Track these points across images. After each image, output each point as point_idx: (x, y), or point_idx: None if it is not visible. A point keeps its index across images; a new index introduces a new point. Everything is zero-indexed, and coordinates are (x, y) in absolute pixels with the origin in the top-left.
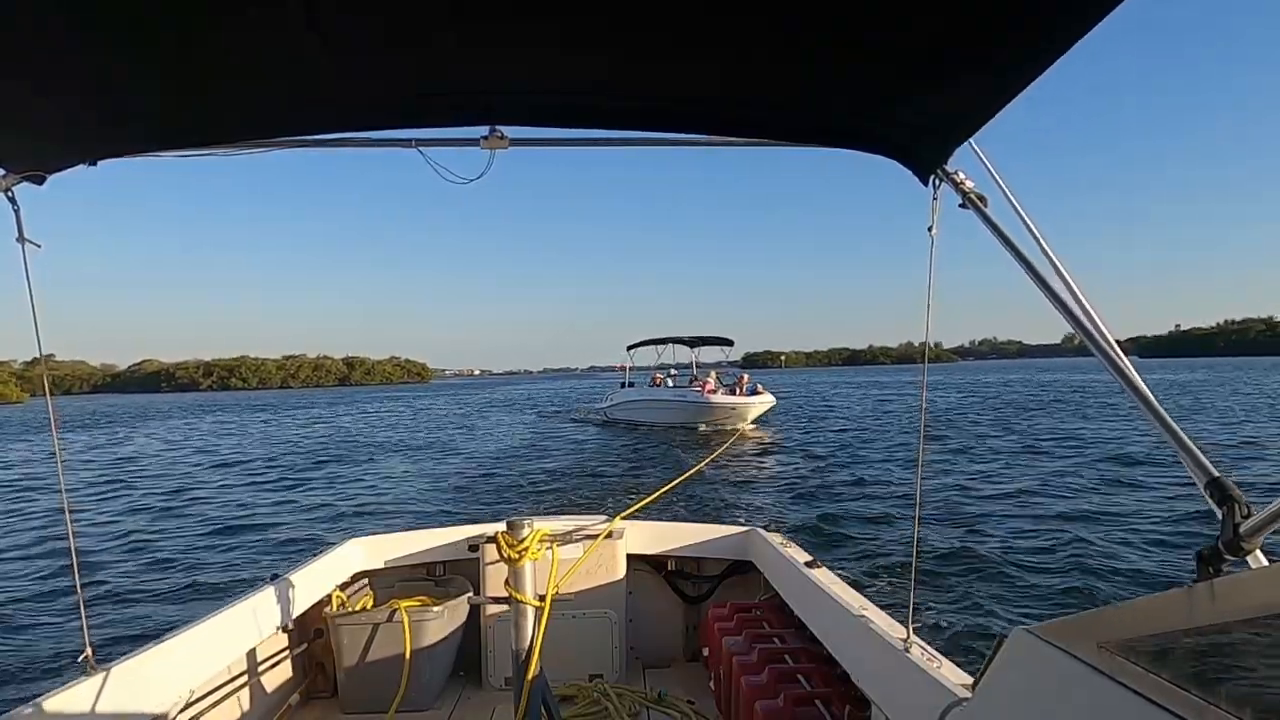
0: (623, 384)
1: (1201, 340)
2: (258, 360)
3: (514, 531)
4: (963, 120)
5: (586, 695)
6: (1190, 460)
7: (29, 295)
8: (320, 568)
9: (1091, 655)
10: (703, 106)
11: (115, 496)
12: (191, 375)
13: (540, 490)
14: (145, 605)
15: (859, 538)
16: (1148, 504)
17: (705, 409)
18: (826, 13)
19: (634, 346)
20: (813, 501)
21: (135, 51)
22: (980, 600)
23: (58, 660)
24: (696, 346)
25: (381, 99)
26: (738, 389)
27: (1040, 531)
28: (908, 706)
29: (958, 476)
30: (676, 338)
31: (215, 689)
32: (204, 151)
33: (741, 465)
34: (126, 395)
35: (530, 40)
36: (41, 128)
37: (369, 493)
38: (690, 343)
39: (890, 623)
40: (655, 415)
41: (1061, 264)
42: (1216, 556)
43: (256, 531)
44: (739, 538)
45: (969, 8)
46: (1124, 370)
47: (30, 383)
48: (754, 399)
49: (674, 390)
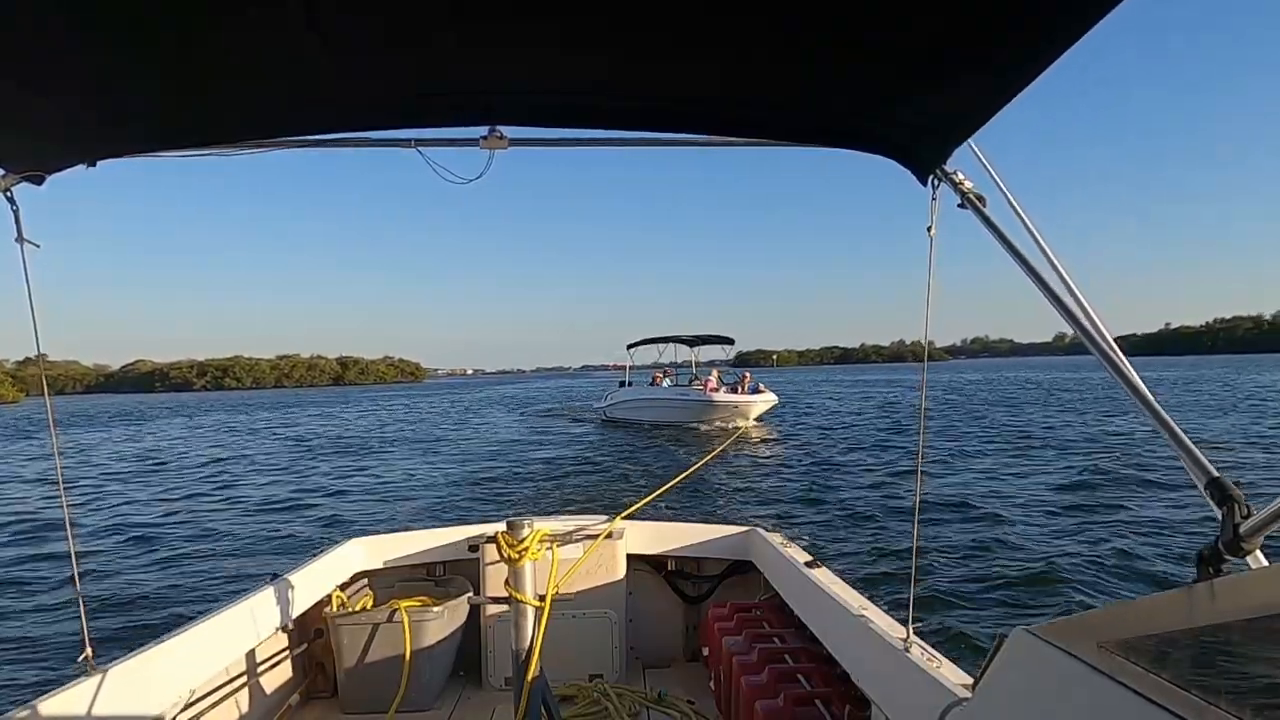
0: (622, 383)
1: (1190, 338)
2: (251, 360)
3: (514, 531)
4: (962, 120)
5: (586, 695)
6: (1190, 460)
7: (28, 295)
8: (320, 568)
9: (1091, 655)
10: (703, 106)
11: (115, 496)
12: (185, 375)
13: (541, 489)
14: (145, 605)
15: (859, 537)
16: (1148, 503)
17: (708, 407)
18: (826, 13)
19: (634, 345)
20: (812, 500)
21: (135, 51)
22: (980, 600)
23: (58, 660)
24: (697, 345)
25: (381, 99)
26: (740, 387)
27: (1040, 531)
28: (908, 706)
29: (958, 476)
30: (677, 336)
31: (215, 689)
32: (204, 151)
33: (743, 463)
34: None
35: (530, 40)
36: (41, 128)
37: (370, 492)
38: (690, 342)
39: (890, 623)
40: (657, 414)
41: (1060, 264)
42: (1216, 556)
43: (256, 531)
44: (739, 538)
45: (969, 7)
46: (1123, 370)
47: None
48: (756, 397)
49: (676, 389)
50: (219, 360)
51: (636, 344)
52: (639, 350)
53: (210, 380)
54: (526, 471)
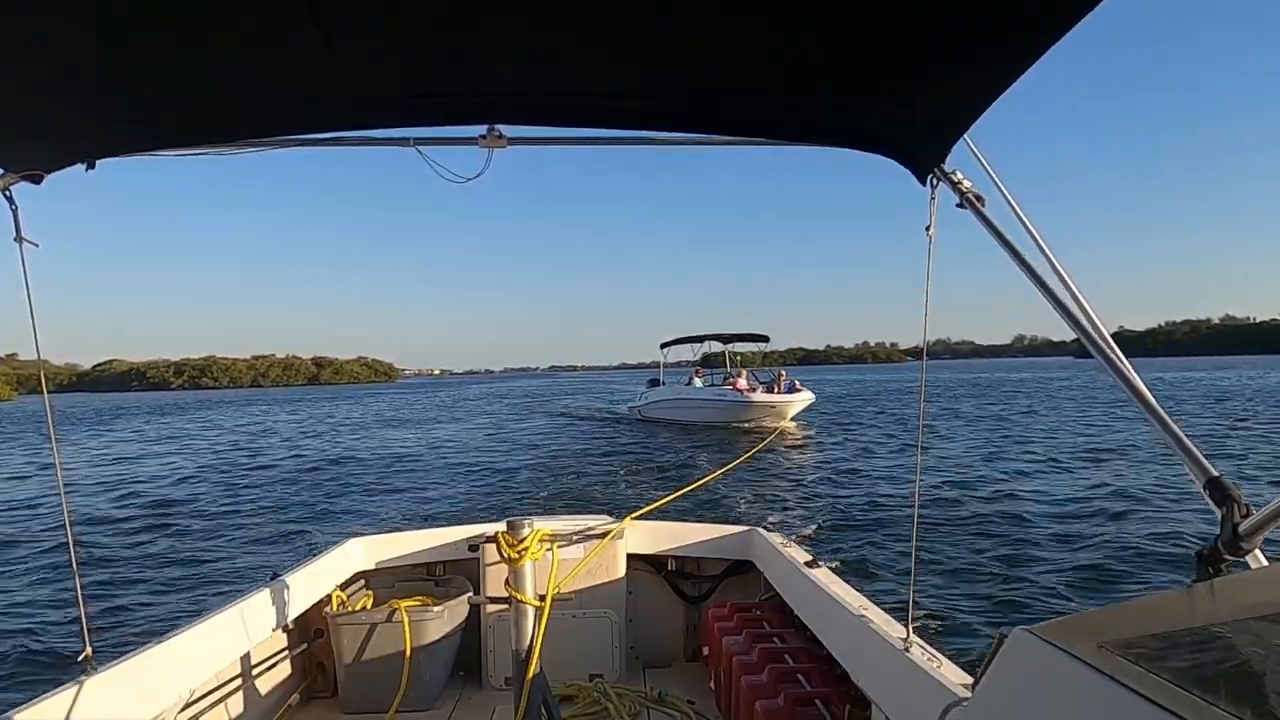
0: (652, 381)
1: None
2: (228, 360)
3: (514, 531)
4: (959, 115)
5: (586, 695)
6: (1189, 460)
7: (27, 295)
8: (320, 567)
9: (1091, 655)
10: (701, 106)
11: (114, 495)
12: (162, 375)
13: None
14: (145, 605)
15: (859, 537)
16: (1147, 503)
17: (744, 407)
18: (825, 13)
19: (668, 344)
20: (811, 499)
21: (134, 51)
22: (980, 600)
23: (58, 660)
24: (731, 343)
25: (381, 99)
26: (776, 386)
27: (1040, 531)
28: (907, 706)
29: (958, 476)
30: (715, 334)
31: (215, 689)
32: (203, 151)
33: (778, 464)
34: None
35: (529, 40)
36: (40, 127)
37: (369, 493)
38: (726, 339)
39: (890, 622)
40: (692, 414)
41: (1059, 264)
42: (1216, 556)
43: (256, 530)
44: (739, 537)
45: (965, 4)
46: (1122, 370)
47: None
48: (794, 396)
49: (711, 389)
50: (195, 360)
51: (670, 342)
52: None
53: (188, 380)
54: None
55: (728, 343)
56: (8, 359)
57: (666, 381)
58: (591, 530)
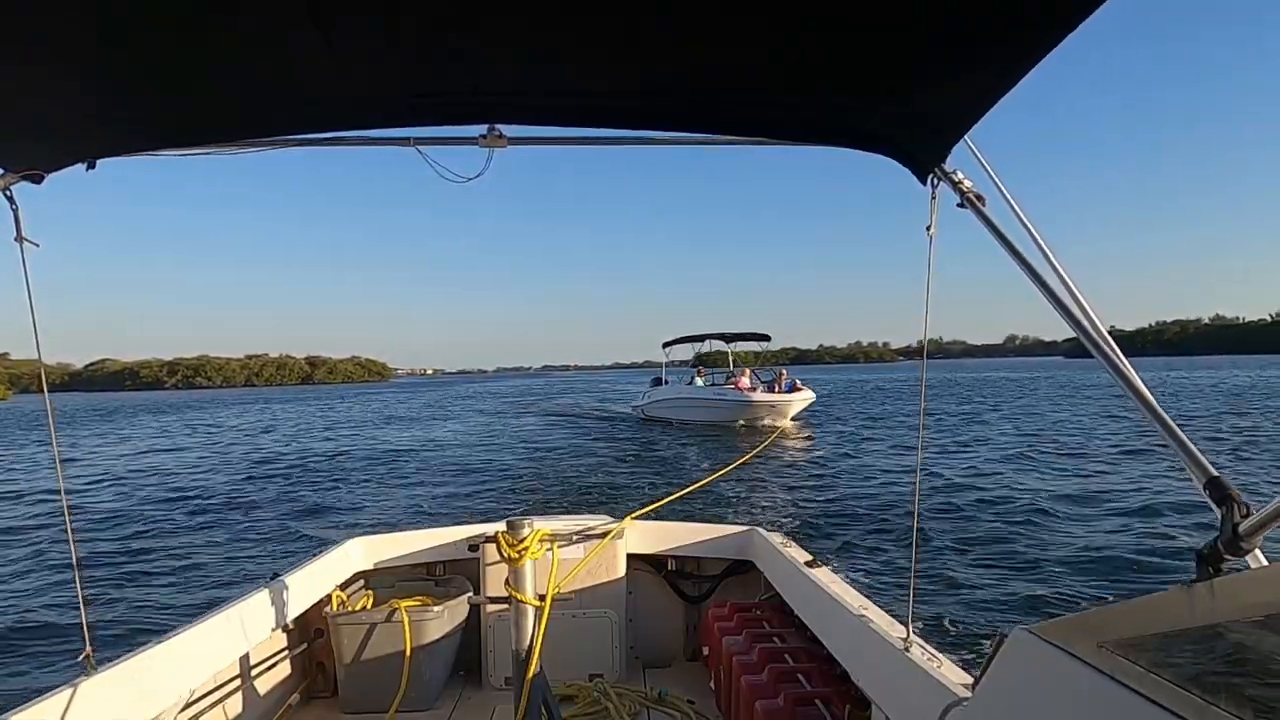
0: (656, 380)
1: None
2: (222, 360)
3: (514, 531)
4: (959, 116)
5: (586, 695)
6: (1189, 459)
7: (27, 295)
8: (320, 567)
9: (1091, 655)
10: (701, 106)
11: (115, 494)
12: (156, 374)
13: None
14: (145, 605)
15: (859, 536)
16: (1147, 503)
17: (745, 407)
18: (824, 13)
19: (670, 344)
20: (810, 499)
21: (134, 51)
22: (980, 600)
23: (58, 660)
24: (733, 342)
25: (381, 99)
26: (776, 385)
27: (1040, 531)
28: (908, 706)
29: (958, 476)
30: (717, 334)
31: (215, 689)
32: (203, 151)
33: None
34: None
35: (529, 40)
36: (40, 127)
37: (370, 492)
38: (728, 339)
39: (890, 622)
40: (694, 413)
41: (1059, 264)
42: (1216, 556)
43: (256, 530)
44: (739, 537)
45: (967, 4)
46: (1122, 370)
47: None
48: (794, 395)
49: (713, 389)
50: (188, 359)
51: (672, 341)
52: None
53: (181, 379)
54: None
55: (730, 342)
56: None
57: (669, 380)
58: (591, 530)
